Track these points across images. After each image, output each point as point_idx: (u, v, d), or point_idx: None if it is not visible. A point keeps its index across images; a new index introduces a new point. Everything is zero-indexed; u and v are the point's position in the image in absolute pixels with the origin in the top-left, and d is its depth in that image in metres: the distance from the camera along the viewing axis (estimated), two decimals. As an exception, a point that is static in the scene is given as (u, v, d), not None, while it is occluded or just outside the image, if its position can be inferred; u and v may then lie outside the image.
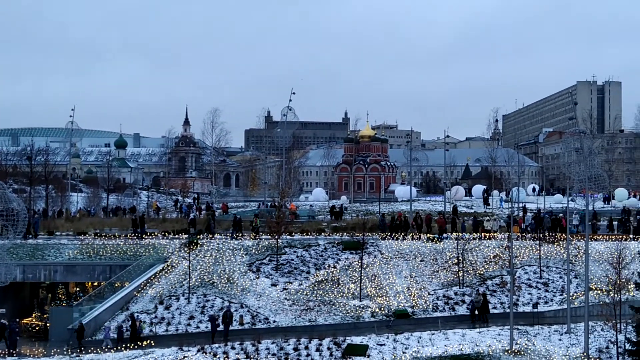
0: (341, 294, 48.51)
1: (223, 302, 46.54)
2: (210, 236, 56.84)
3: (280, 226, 53.64)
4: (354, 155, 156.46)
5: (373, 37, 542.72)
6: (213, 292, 48.08)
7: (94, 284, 53.09)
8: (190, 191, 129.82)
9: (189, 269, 48.91)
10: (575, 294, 48.08)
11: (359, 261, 50.61)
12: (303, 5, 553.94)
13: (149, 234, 57.87)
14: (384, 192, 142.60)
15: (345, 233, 58.38)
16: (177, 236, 57.62)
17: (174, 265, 51.45)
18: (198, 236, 56.28)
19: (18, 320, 46.93)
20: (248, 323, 44.80)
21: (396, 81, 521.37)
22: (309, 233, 59.04)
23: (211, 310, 45.62)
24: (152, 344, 40.87)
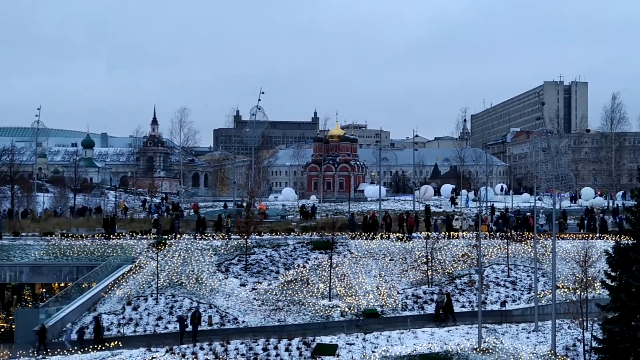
0: (310, 294, 48.44)
1: (192, 303, 46.27)
2: (174, 236, 56.35)
3: (249, 226, 53.44)
4: (324, 154, 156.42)
5: (342, 37, 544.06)
6: (181, 293, 47.77)
7: (61, 285, 52.52)
8: (158, 191, 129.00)
9: (157, 270, 48.57)
10: (542, 292, 48.47)
11: (329, 261, 50.59)
12: (272, 4, 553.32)
13: (117, 234, 57.36)
14: (354, 192, 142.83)
15: (314, 233, 58.35)
16: (145, 236, 57.17)
17: (142, 265, 51.03)
18: (166, 236, 55.87)
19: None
20: (217, 323, 44.57)
21: (365, 81, 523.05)
22: (279, 233, 58.90)
23: (180, 310, 45.32)
24: (120, 345, 40.48)
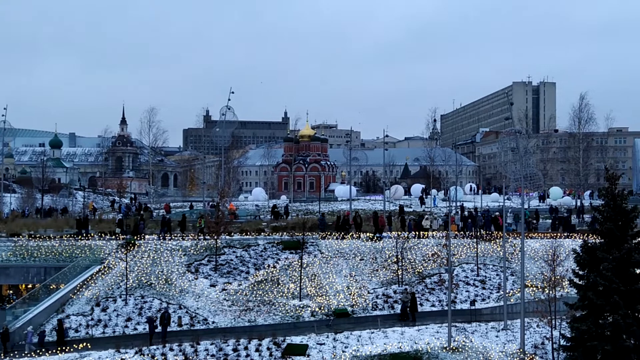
0: (281, 294, 48.35)
1: (161, 304, 45.97)
2: (141, 237, 55.84)
3: (219, 226, 53.18)
4: (294, 154, 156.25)
5: (313, 37, 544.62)
6: (151, 294, 47.43)
7: (28, 287, 51.85)
8: (127, 191, 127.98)
9: (127, 270, 48.20)
10: (511, 291, 48.83)
11: (299, 261, 50.55)
12: (243, 4, 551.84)
13: (86, 235, 56.76)
14: (324, 192, 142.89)
15: (285, 233, 58.19)
16: (114, 237, 56.65)
17: (111, 266, 50.58)
18: (135, 237, 55.41)
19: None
20: (187, 324, 44.33)
21: (336, 81, 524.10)
22: (249, 233, 58.68)
23: (149, 311, 45.02)
24: (89, 347, 40.08)
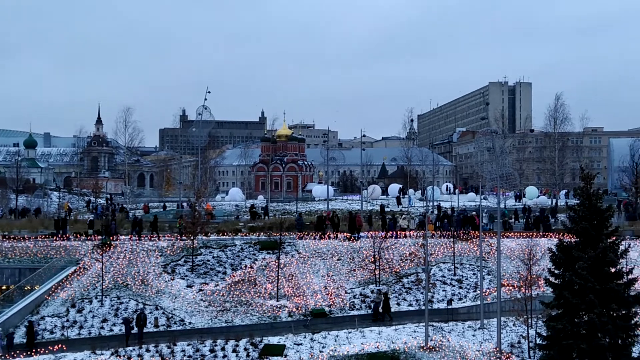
0: (258, 294, 48.21)
1: (137, 304, 45.67)
2: (112, 238, 55.36)
3: (195, 227, 52.91)
4: (271, 154, 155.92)
5: (291, 36, 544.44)
6: (127, 295, 47.10)
7: (2, 288, 51.23)
8: (103, 192, 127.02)
9: (102, 271, 47.84)
10: (488, 290, 49.05)
11: (276, 261, 50.43)
12: (220, 3, 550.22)
13: (61, 236, 56.25)
14: (302, 192, 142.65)
15: (262, 233, 58.07)
16: (90, 238, 56.19)
17: (87, 267, 50.16)
18: (111, 238, 55.00)
19: None
20: (163, 325, 44.06)
21: (313, 81, 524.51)
22: (226, 233, 58.48)
23: (125, 312, 44.72)
24: (64, 348, 39.67)
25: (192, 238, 52.45)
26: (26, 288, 47.55)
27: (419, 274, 51.58)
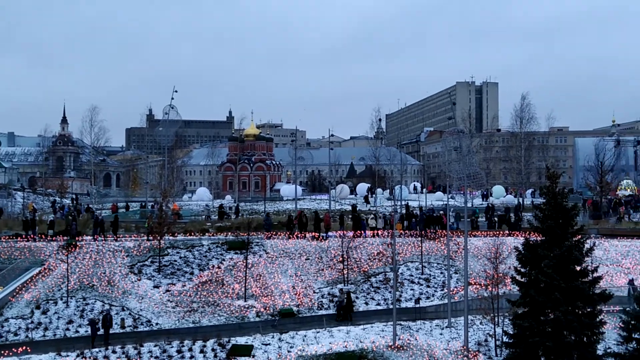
0: (226, 295, 47.94)
1: (103, 305, 45.11)
2: (72, 238, 54.60)
3: (162, 227, 52.48)
4: (239, 154, 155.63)
5: (258, 36, 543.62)
6: (93, 296, 46.52)
7: (-36, 290, 50.47)
8: (68, 192, 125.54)
9: (68, 272, 47.18)
10: (455, 289, 49.28)
11: (244, 261, 50.18)
12: (190, 2, 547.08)
13: (26, 237, 55.45)
14: (270, 191, 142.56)
15: (229, 233, 57.77)
16: (55, 238, 55.48)
17: (52, 268, 49.45)
18: (77, 238, 54.33)
19: None
20: (130, 326, 43.57)
21: (282, 80, 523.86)
22: (193, 233, 58.11)
23: (91, 313, 44.12)
24: (28, 350, 39.07)
25: (159, 238, 52.01)
26: (-11, 290, 46.79)
27: (387, 273, 51.68)
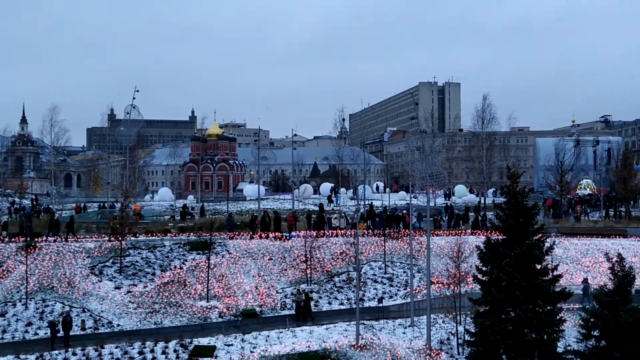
0: (188, 295, 47.60)
1: (64, 307, 44.51)
2: (27, 239, 53.74)
3: (123, 227, 51.92)
4: (202, 154, 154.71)
5: (221, 35, 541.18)
6: (53, 297, 45.87)
7: None
8: (28, 192, 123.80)
9: (27, 274, 46.44)
10: (418, 288, 49.49)
11: (206, 261, 49.89)
12: (151, 1, 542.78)
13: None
14: (233, 191, 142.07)
15: (192, 233, 57.37)
16: (13, 239, 54.56)
17: (10, 270, 48.63)
18: (36, 239, 53.48)
19: None
20: (90, 328, 43.05)
21: (245, 80, 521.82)
22: (155, 234, 57.57)
23: (51, 315, 43.51)
24: (-14, 354, 38.56)
25: (120, 239, 51.45)
26: (-55, 292, 45.85)
27: (350, 273, 51.74)
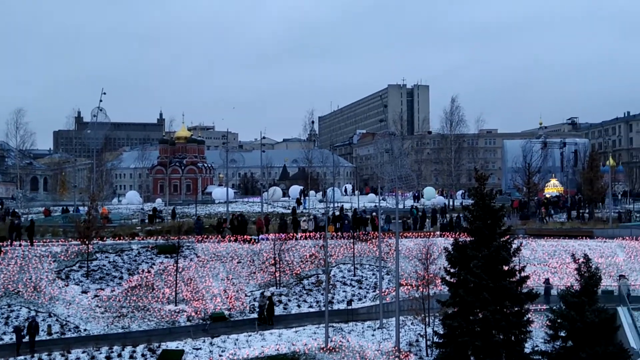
0: (156, 299, 47.24)
1: (29, 312, 43.95)
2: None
3: (90, 231, 51.37)
4: (170, 156, 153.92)
5: (190, 37, 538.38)
6: (18, 302, 45.27)
7: None
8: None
9: (-9, 279, 45.89)
10: (387, 290, 49.60)
11: (174, 265, 49.56)
12: (118, 1, 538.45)
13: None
14: (201, 194, 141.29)
15: (160, 237, 56.92)
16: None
17: (-26, 275, 47.99)
18: (1, 244, 52.71)
19: None
20: (57, 332, 42.55)
21: (214, 82, 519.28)
22: (122, 237, 56.99)
23: (16, 321, 42.91)
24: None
25: (87, 243, 50.91)
26: None
27: (319, 275, 51.73)
